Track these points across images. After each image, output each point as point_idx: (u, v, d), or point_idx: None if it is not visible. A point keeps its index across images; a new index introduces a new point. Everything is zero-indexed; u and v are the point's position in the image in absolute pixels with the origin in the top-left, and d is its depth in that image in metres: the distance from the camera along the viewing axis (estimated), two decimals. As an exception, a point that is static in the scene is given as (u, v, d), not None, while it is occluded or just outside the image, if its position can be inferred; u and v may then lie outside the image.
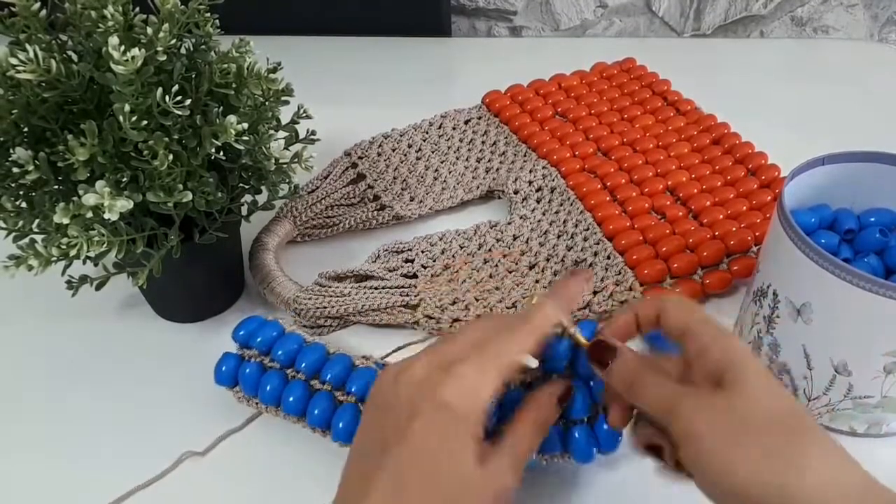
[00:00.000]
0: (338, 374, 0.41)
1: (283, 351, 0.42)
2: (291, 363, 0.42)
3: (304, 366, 0.41)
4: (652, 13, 0.90)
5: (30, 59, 0.37)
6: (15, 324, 0.52)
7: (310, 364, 0.41)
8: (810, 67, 0.82)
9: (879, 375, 0.38)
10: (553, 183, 0.60)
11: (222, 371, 0.42)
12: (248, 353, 0.43)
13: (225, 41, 0.44)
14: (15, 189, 0.40)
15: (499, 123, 0.68)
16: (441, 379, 0.29)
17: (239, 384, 0.42)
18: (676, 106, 0.68)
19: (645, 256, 0.53)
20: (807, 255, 0.38)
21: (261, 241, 0.53)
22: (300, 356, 0.41)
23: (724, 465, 0.27)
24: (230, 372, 0.42)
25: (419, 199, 0.60)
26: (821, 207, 0.46)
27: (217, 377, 0.43)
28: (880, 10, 0.88)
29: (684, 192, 0.58)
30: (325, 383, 0.41)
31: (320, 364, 0.41)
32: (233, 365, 0.42)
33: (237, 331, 0.43)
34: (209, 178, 0.41)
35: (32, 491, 0.41)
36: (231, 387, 0.43)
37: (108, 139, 0.38)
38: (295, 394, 0.41)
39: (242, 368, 0.42)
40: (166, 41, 0.38)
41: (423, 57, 0.84)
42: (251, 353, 0.43)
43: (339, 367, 0.41)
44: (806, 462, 0.26)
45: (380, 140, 0.65)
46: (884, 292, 0.35)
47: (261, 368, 0.42)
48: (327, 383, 0.41)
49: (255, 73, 0.44)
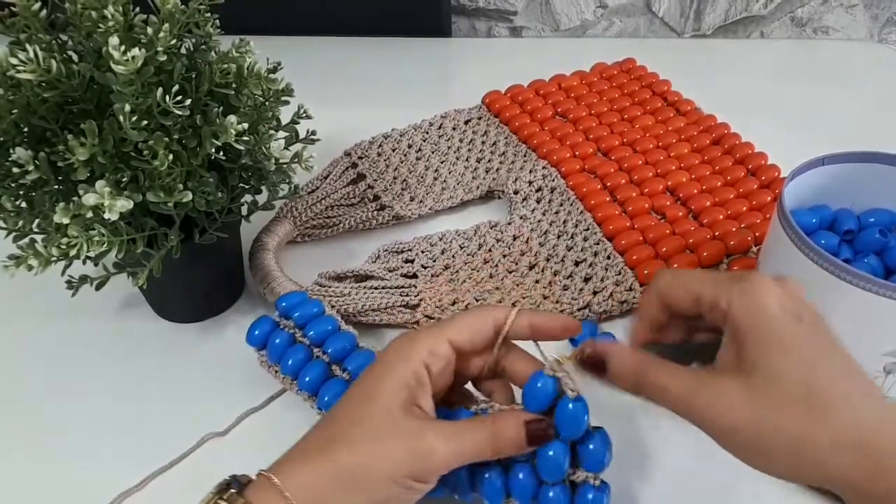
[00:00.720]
0: (358, 367, 0.41)
1: (315, 331, 0.43)
2: (321, 343, 0.43)
3: (331, 350, 0.42)
4: (652, 13, 0.90)
5: (30, 59, 0.37)
6: (15, 324, 0.52)
7: (336, 350, 0.42)
8: (810, 68, 0.82)
9: (879, 375, 0.38)
10: (553, 183, 0.60)
11: (255, 333, 0.44)
12: (284, 322, 0.44)
13: (225, 41, 0.44)
14: (15, 189, 0.40)
15: (499, 124, 0.68)
16: (402, 339, 0.34)
17: (266, 349, 0.43)
18: (676, 106, 0.68)
19: (645, 256, 0.53)
20: (807, 255, 0.38)
21: (261, 241, 0.53)
22: (329, 340, 0.42)
23: (764, 457, 0.27)
24: (262, 336, 0.44)
25: (419, 199, 0.60)
26: (821, 207, 0.46)
27: (249, 337, 0.44)
28: (880, 10, 0.88)
29: (684, 193, 0.58)
30: (346, 371, 0.42)
31: (346, 353, 0.42)
32: (266, 330, 0.44)
33: (280, 301, 0.45)
34: (209, 178, 0.41)
35: (33, 491, 0.41)
36: (259, 348, 0.44)
37: (108, 139, 0.38)
38: (312, 373, 0.41)
39: (273, 336, 0.43)
40: (166, 41, 0.38)
41: (423, 57, 0.84)
42: (287, 323, 0.44)
43: (362, 360, 0.42)
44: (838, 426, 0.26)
45: (380, 140, 0.65)
46: (884, 292, 0.35)
47: (291, 340, 0.43)
48: (347, 372, 0.41)
49: (255, 73, 0.44)
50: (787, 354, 0.27)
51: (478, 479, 0.35)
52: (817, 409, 0.26)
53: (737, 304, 0.29)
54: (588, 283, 0.52)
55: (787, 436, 0.26)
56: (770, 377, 0.27)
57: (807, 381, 0.27)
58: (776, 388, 0.27)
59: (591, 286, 0.52)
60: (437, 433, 0.31)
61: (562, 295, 0.51)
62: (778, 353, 0.27)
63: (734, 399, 0.27)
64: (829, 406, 0.26)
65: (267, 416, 0.45)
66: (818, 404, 0.26)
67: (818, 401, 0.26)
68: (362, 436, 0.30)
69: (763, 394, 0.27)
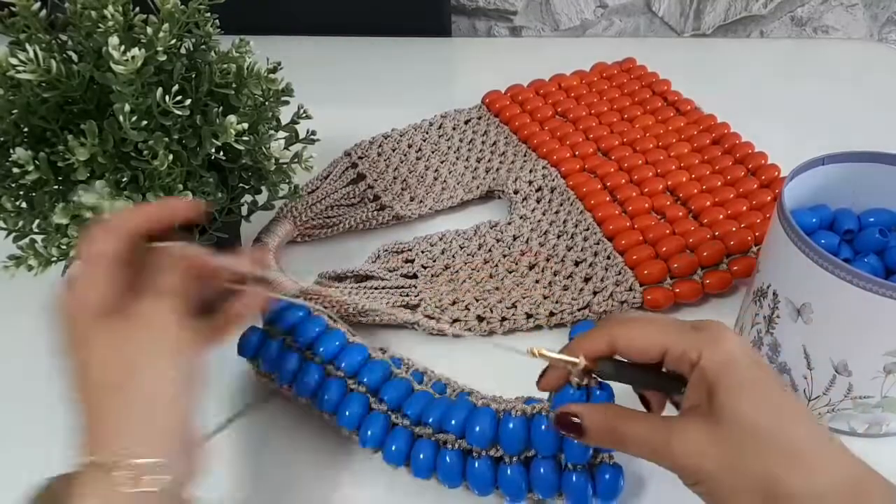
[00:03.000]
0: (352, 364, 0.41)
1: (303, 336, 0.42)
2: (310, 346, 0.42)
3: (322, 350, 0.42)
4: (652, 13, 0.90)
5: (30, 59, 0.37)
6: (15, 323, 0.52)
7: (327, 350, 0.42)
8: (810, 67, 0.82)
9: (879, 375, 0.38)
10: (553, 183, 0.60)
11: (245, 344, 0.43)
12: (272, 329, 0.43)
13: (225, 41, 0.44)
14: (15, 189, 0.40)
15: (499, 123, 0.68)
16: None
17: (259, 359, 0.43)
18: (676, 106, 0.68)
19: (645, 256, 0.53)
20: (807, 255, 0.38)
21: (261, 241, 0.53)
22: (319, 341, 0.42)
23: (733, 498, 0.28)
24: (253, 346, 0.43)
25: (419, 199, 0.60)
26: (821, 207, 0.46)
27: (240, 349, 0.43)
28: (880, 10, 0.88)
29: (684, 192, 0.58)
30: (340, 370, 0.41)
31: (337, 351, 0.42)
32: (256, 341, 0.43)
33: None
34: (209, 178, 0.41)
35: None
36: (252, 359, 0.43)
37: (109, 139, 0.38)
38: (310, 377, 0.41)
39: (266, 346, 0.43)
40: (166, 41, 0.38)
41: (423, 57, 0.84)
42: (275, 330, 0.43)
43: (355, 356, 0.42)
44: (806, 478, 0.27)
45: (380, 140, 0.65)
46: (884, 292, 0.35)
47: (282, 347, 0.43)
48: (341, 370, 0.41)
49: (255, 73, 0.44)
50: (755, 400, 0.29)
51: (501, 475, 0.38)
52: (790, 453, 0.27)
53: (707, 354, 0.30)
54: (588, 283, 0.52)
55: (763, 478, 0.27)
56: (741, 423, 0.28)
57: (776, 426, 0.28)
58: (749, 434, 0.28)
59: (591, 286, 0.52)
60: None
61: (562, 295, 0.51)
62: (748, 400, 0.28)
63: (706, 445, 0.28)
64: (801, 451, 0.28)
65: (259, 419, 0.45)
66: (789, 449, 0.28)
67: (789, 445, 0.28)
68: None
69: (737, 439, 0.28)
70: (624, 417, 0.31)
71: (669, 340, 0.31)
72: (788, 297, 0.40)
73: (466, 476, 0.38)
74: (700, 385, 0.30)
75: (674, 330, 0.31)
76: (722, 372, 0.29)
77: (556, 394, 0.34)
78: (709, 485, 0.28)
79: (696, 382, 0.30)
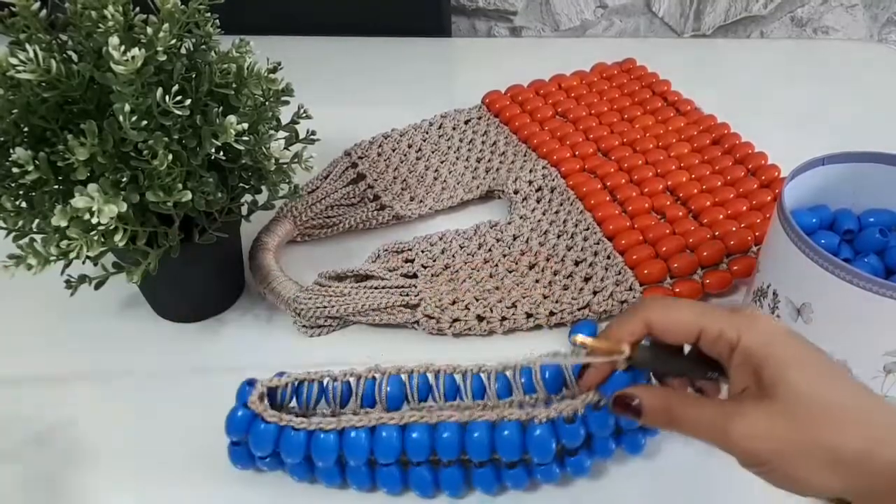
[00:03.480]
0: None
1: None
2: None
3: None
4: (652, 13, 0.90)
5: (30, 59, 0.37)
6: (15, 324, 0.52)
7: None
8: (810, 68, 0.82)
9: (879, 375, 0.38)
10: (553, 183, 0.60)
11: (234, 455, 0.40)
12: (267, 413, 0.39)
13: (225, 41, 0.44)
14: (15, 189, 0.40)
15: (499, 123, 0.68)
16: None
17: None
18: (676, 106, 0.68)
19: (645, 256, 0.53)
20: (807, 255, 0.38)
21: (261, 241, 0.53)
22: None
23: (804, 474, 0.28)
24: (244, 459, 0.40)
25: (419, 199, 0.60)
26: (821, 207, 0.46)
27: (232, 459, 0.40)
28: (880, 10, 0.89)
29: (684, 192, 0.58)
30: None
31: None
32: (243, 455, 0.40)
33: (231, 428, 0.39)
34: (209, 178, 0.41)
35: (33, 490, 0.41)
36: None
37: (108, 139, 0.38)
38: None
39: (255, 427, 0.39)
40: (166, 41, 0.38)
41: (423, 57, 0.84)
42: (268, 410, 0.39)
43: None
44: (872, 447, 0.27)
45: (380, 140, 0.65)
46: (884, 292, 0.35)
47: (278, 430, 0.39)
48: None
49: (255, 73, 0.44)
50: (806, 372, 0.29)
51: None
52: (847, 419, 0.28)
53: (747, 333, 0.30)
54: (588, 283, 0.52)
55: (825, 447, 0.27)
56: (797, 395, 0.28)
57: (829, 395, 0.28)
58: (805, 405, 0.28)
59: (591, 286, 0.52)
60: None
61: (562, 295, 0.51)
62: (799, 372, 0.29)
63: (766, 426, 0.28)
64: (856, 416, 0.28)
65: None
66: (843, 412, 0.28)
67: (842, 409, 0.28)
68: None
69: (795, 412, 0.28)
70: (679, 399, 0.32)
71: (706, 321, 0.31)
72: (788, 297, 0.40)
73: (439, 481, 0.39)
74: (745, 367, 0.30)
75: (709, 311, 0.31)
76: (767, 350, 0.29)
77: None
78: (773, 463, 0.28)
79: (741, 364, 0.30)
